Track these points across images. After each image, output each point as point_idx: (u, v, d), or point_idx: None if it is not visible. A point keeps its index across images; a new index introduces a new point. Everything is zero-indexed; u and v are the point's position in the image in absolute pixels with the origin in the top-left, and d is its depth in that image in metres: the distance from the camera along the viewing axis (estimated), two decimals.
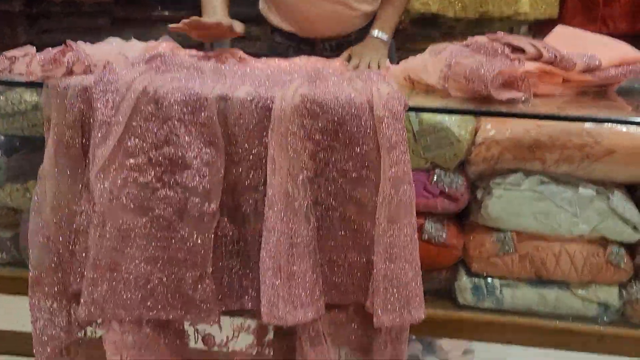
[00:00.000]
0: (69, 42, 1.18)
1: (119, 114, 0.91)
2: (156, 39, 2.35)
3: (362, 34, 1.42)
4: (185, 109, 0.92)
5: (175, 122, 0.92)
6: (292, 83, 0.95)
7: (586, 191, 1.01)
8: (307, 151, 0.90)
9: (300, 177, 0.89)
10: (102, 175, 0.91)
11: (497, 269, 1.06)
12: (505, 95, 0.93)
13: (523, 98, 0.95)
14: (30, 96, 1.14)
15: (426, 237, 1.05)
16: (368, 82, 0.98)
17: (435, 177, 1.05)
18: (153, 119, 0.92)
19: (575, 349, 1.03)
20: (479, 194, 1.07)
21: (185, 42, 1.64)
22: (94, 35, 2.27)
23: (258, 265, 0.91)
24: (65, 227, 0.99)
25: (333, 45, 1.45)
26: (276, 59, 1.36)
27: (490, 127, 1.03)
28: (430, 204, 1.05)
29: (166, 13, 2.24)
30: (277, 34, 1.52)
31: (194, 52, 1.43)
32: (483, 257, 1.06)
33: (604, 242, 1.05)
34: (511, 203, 1.02)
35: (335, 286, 0.96)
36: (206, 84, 0.98)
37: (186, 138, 0.92)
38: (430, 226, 1.06)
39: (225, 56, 1.37)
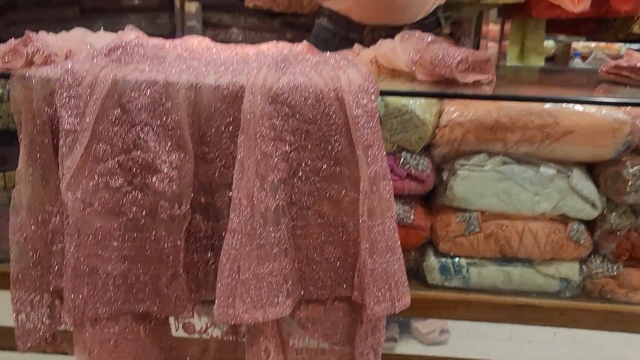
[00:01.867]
0: (27, 33, 1.17)
1: (84, 121, 0.91)
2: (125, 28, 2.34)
3: (415, 24, 1.41)
4: (152, 113, 0.92)
5: (143, 127, 0.92)
6: (258, 74, 0.95)
7: (547, 170, 1.04)
8: (278, 152, 0.90)
9: (270, 179, 0.89)
10: (73, 187, 0.91)
11: (464, 248, 1.09)
12: (470, 78, 0.96)
13: (487, 80, 0.98)
14: None
15: None
16: (336, 68, 0.99)
17: (402, 160, 1.07)
18: (120, 123, 0.93)
19: (539, 323, 1.07)
20: (444, 175, 1.09)
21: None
22: (64, 26, 2.24)
23: None
24: (42, 227, 1.00)
25: (382, 35, 1.36)
26: (242, 46, 1.37)
27: (454, 110, 1.05)
28: (398, 187, 1.07)
29: (136, 2, 2.23)
30: (325, 17, 1.51)
31: (160, 39, 1.43)
32: (450, 237, 1.09)
33: (565, 219, 1.08)
34: (475, 183, 1.05)
35: (312, 282, 0.98)
36: (172, 75, 0.98)
37: (154, 143, 0.92)
38: (398, 208, 1.09)
39: (190, 42, 1.37)
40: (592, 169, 1.10)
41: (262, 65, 1.01)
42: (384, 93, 0.97)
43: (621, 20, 2.01)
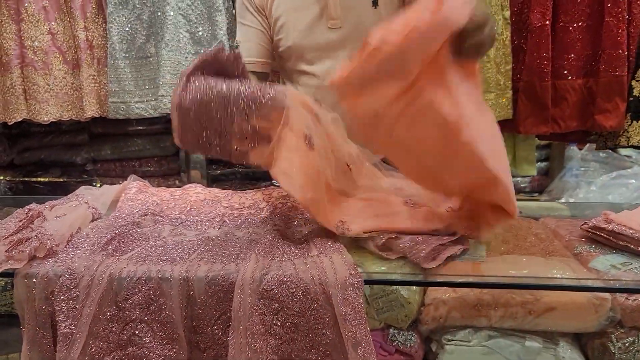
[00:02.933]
0: (34, 210, 1.24)
1: (80, 322, 0.96)
2: (133, 151, 2.45)
3: None
4: (146, 310, 0.97)
5: (138, 324, 0.97)
6: (247, 267, 0.99)
7: (532, 344, 1.06)
8: (268, 346, 0.94)
9: None
10: None
11: None
12: (437, 262, 0.98)
13: (459, 251, 1.00)
14: None
15: None
16: (322, 252, 1.03)
17: (389, 337, 1.10)
18: (115, 320, 0.97)
19: None
20: (433, 347, 1.11)
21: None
22: (74, 152, 2.38)
23: None
24: None
25: None
26: (239, 195, 1.42)
27: (437, 288, 1.09)
28: None
29: (140, 127, 2.34)
30: None
31: (161, 190, 1.49)
32: None
33: None
34: (463, 357, 1.07)
35: None
36: (165, 268, 1.02)
37: (149, 338, 0.97)
38: None
39: (189, 195, 1.43)
40: (580, 336, 1.12)
41: (252, 251, 1.06)
42: (368, 282, 1.00)
43: (608, 131, 2.06)
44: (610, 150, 3.03)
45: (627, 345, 1.03)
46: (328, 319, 0.95)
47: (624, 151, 3.13)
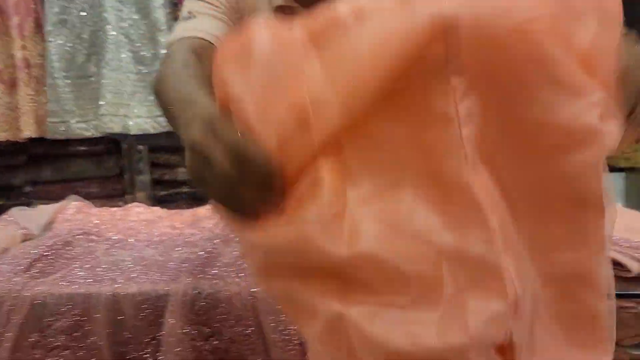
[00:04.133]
0: None
1: (1, 348, 0.93)
2: (74, 173, 2.37)
3: None
4: (71, 337, 0.94)
5: (62, 350, 0.94)
6: (178, 291, 0.98)
7: None
8: None
9: None
10: None
11: None
12: None
13: None
14: None
15: None
16: None
17: None
18: (39, 347, 0.95)
19: None
20: None
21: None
22: (12, 173, 2.29)
23: None
24: None
25: None
26: (180, 213, 1.41)
27: None
28: None
29: (81, 148, 2.28)
30: None
31: (103, 210, 1.46)
32: None
33: None
34: None
35: None
36: (93, 287, 1.00)
37: None
38: None
39: (130, 216, 1.41)
40: None
41: (183, 271, 1.05)
42: None
43: None
44: None
45: None
46: (259, 345, 0.95)
47: None
